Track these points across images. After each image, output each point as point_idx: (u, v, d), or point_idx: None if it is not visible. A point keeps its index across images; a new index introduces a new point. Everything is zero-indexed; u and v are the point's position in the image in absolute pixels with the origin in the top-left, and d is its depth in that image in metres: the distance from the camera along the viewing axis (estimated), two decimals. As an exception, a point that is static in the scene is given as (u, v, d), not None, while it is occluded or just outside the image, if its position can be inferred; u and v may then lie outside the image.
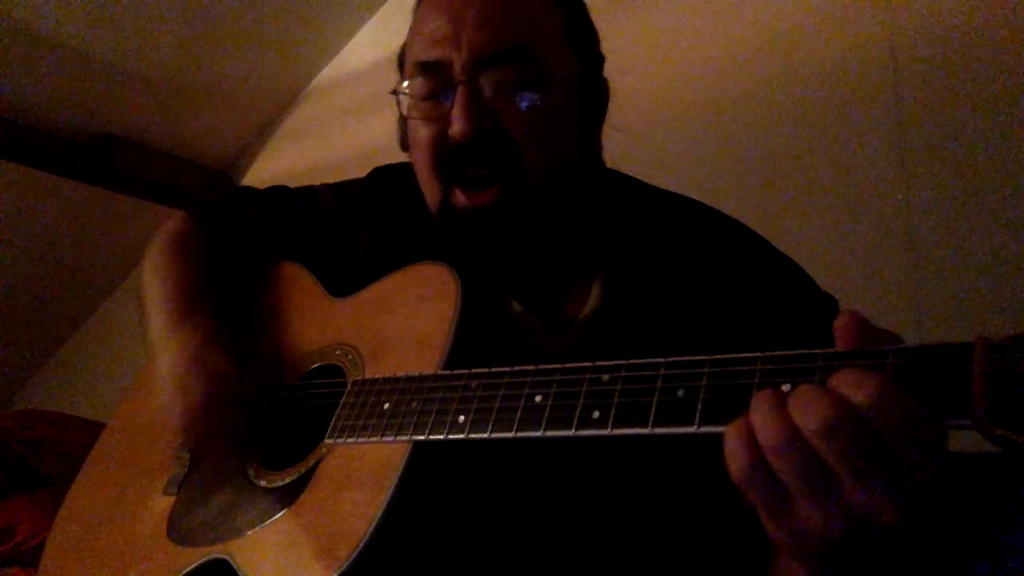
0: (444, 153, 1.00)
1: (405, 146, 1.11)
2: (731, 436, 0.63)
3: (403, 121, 1.08)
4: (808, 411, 0.59)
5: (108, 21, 2.60)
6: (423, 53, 1.00)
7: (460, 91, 0.96)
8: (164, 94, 2.93)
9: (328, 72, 3.07)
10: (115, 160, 2.97)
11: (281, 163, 3.20)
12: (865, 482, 0.58)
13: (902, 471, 0.58)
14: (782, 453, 0.60)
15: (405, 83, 1.03)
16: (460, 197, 1.00)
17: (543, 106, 0.98)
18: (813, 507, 0.61)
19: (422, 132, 1.02)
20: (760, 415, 0.62)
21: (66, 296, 3.43)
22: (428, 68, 1.00)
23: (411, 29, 1.06)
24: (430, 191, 1.04)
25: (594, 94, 1.08)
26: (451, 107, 0.97)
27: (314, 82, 3.12)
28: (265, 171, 3.23)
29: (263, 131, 3.24)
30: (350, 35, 2.94)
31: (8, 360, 3.52)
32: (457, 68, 0.97)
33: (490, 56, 0.96)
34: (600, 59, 1.10)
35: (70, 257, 3.29)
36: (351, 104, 2.89)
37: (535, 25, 1.00)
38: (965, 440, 0.63)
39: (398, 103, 1.06)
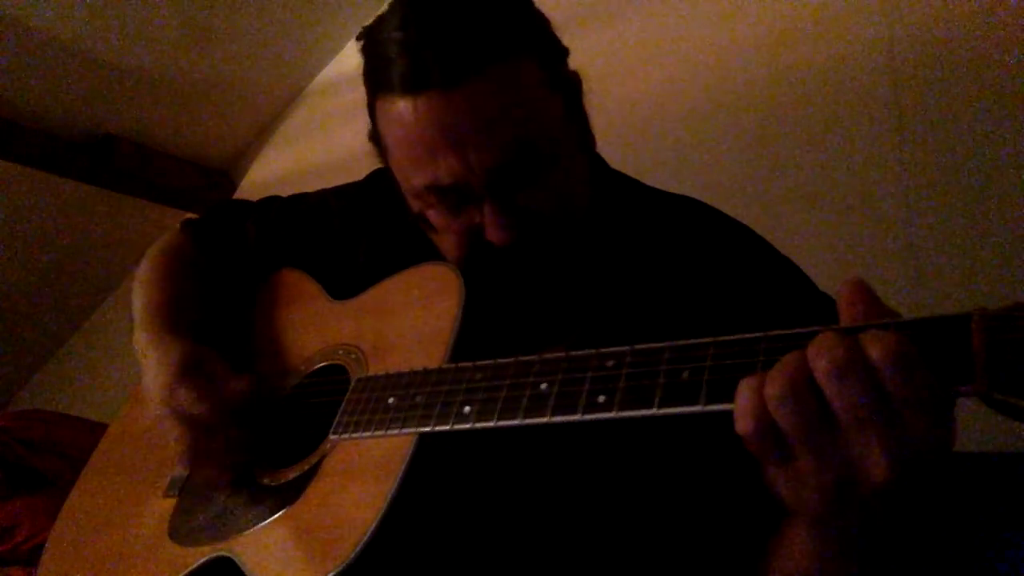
0: (479, 246, 0.97)
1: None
2: (744, 386, 0.64)
3: (376, 136, 1.03)
4: (823, 351, 0.60)
5: (108, 21, 2.59)
6: (428, 176, 0.94)
7: (489, 207, 0.93)
8: (164, 94, 2.93)
9: (328, 72, 3.07)
10: (115, 160, 2.97)
11: (281, 163, 3.19)
12: (863, 432, 0.60)
13: (902, 428, 0.59)
14: (789, 402, 0.61)
15: (422, 205, 0.99)
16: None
17: (559, 171, 0.96)
18: (809, 454, 0.62)
19: (448, 241, 1.00)
20: (777, 364, 0.63)
21: (66, 296, 3.42)
22: (443, 190, 0.95)
23: (390, 129, 0.97)
24: (457, 257, 1.02)
25: (577, 102, 1.04)
26: (480, 213, 0.94)
27: (314, 82, 3.12)
28: (265, 171, 3.23)
29: (263, 131, 3.24)
30: (350, 35, 2.94)
31: (8, 360, 3.52)
32: (477, 187, 0.93)
33: (505, 166, 0.92)
34: (564, 50, 1.03)
35: (70, 257, 3.29)
36: (351, 104, 2.87)
37: (529, 106, 0.93)
38: (965, 440, 0.64)
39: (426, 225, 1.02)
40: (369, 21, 1.00)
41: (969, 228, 1.82)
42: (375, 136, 1.02)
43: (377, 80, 0.96)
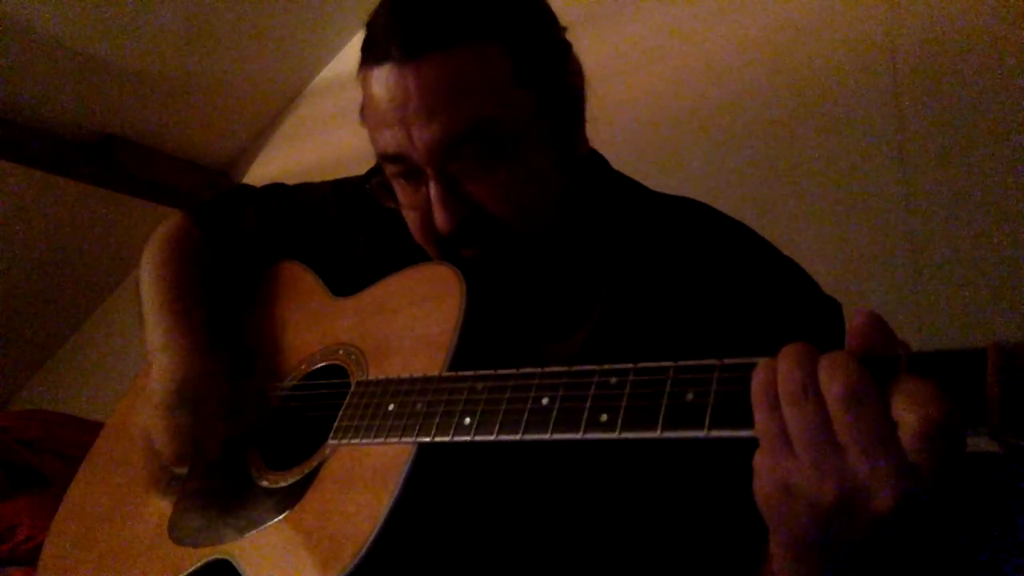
0: (435, 236, 0.98)
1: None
2: (758, 370, 0.64)
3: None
4: (835, 374, 0.60)
5: (108, 21, 2.59)
6: (381, 145, 0.97)
7: (432, 187, 0.94)
8: (164, 94, 2.93)
9: (328, 72, 3.07)
10: (115, 160, 2.97)
11: (281, 163, 3.19)
12: (871, 460, 0.59)
13: (912, 460, 0.58)
14: (797, 404, 0.61)
15: (390, 176, 1.02)
16: (463, 251, 1.00)
17: (514, 169, 0.95)
18: (811, 464, 0.61)
19: (410, 217, 1.02)
20: (786, 362, 0.63)
21: (66, 296, 3.42)
22: (391, 159, 0.97)
23: (364, 99, 1.01)
24: (432, 255, 1.04)
25: (564, 105, 1.01)
26: (429, 195, 0.95)
27: (314, 82, 3.11)
28: (265, 171, 3.22)
29: (263, 131, 3.23)
30: (350, 35, 2.94)
31: (8, 360, 3.52)
32: (419, 161, 0.94)
33: (446, 146, 0.92)
34: (563, 61, 1.02)
35: (70, 257, 3.28)
36: (351, 104, 2.87)
37: (479, 89, 0.92)
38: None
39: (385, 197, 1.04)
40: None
41: (969, 228, 1.82)
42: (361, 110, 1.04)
43: (362, 53, 0.99)
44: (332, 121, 2.98)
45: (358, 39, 1.01)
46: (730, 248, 1.03)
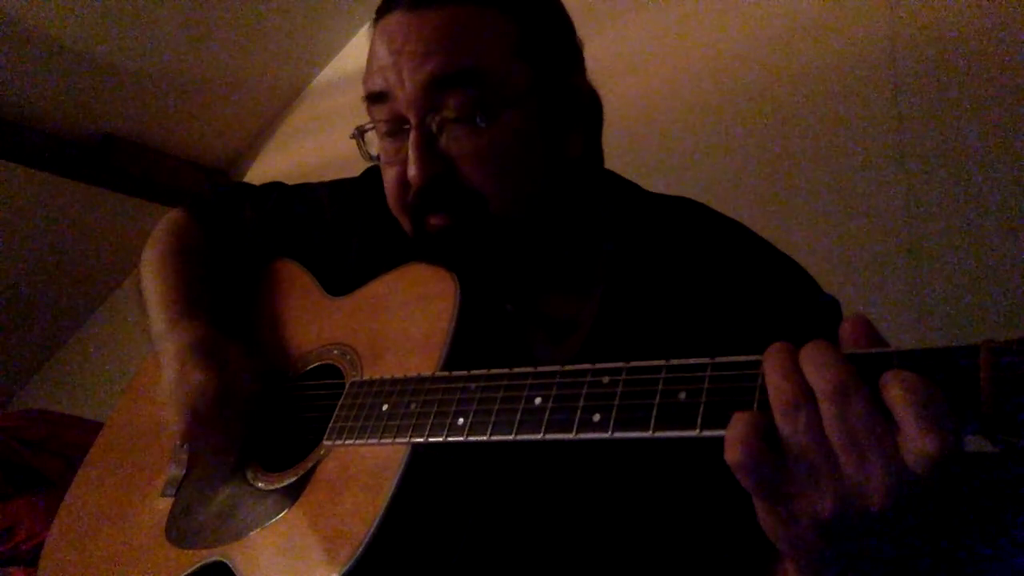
0: (407, 197, 0.99)
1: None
2: (738, 414, 0.63)
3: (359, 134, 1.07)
4: (823, 370, 0.60)
5: (108, 21, 2.60)
6: (368, 83, 0.99)
7: (412, 135, 0.95)
8: (164, 94, 2.93)
9: (328, 72, 3.07)
10: (115, 160, 2.98)
11: (281, 163, 3.20)
12: (861, 456, 0.58)
13: (904, 457, 0.57)
14: (790, 417, 0.60)
15: (368, 124, 1.03)
16: (432, 219, 1.00)
17: (494, 136, 0.95)
18: (808, 486, 0.61)
19: (388, 174, 1.02)
20: (775, 369, 0.62)
21: (66, 296, 3.43)
22: (375, 98, 0.99)
23: (367, 59, 1.03)
24: (405, 225, 1.04)
25: (561, 101, 1.02)
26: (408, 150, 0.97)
27: (314, 82, 3.12)
28: (265, 171, 3.23)
29: (263, 131, 3.24)
30: (350, 35, 2.94)
31: (8, 360, 3.52)
32: (403, 106, 0.96)
33: (433, 88, 0.94)
34: (572, 64, 1.04)
35: (70, 257, 3.29)
36: (351, 104, 2.88)
37: (478, 44, 0.95)
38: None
39: (361, 144, 1.06)
40: (369, 22, 1.03)
41: (969, 228, 1.81)
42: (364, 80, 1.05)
43: (374, 17, 1.01)
44: (332, 121, 2.98)
45: (358, 39, 1.02)
46: (728, 247, 1.02)
